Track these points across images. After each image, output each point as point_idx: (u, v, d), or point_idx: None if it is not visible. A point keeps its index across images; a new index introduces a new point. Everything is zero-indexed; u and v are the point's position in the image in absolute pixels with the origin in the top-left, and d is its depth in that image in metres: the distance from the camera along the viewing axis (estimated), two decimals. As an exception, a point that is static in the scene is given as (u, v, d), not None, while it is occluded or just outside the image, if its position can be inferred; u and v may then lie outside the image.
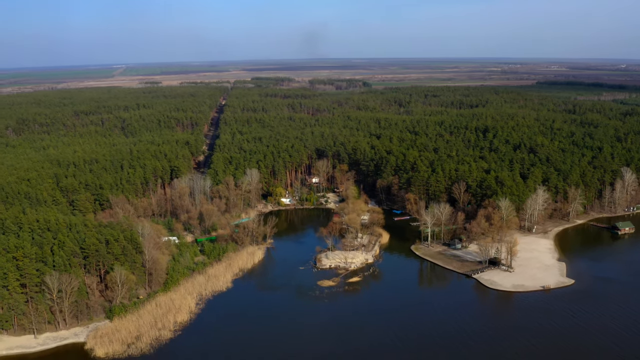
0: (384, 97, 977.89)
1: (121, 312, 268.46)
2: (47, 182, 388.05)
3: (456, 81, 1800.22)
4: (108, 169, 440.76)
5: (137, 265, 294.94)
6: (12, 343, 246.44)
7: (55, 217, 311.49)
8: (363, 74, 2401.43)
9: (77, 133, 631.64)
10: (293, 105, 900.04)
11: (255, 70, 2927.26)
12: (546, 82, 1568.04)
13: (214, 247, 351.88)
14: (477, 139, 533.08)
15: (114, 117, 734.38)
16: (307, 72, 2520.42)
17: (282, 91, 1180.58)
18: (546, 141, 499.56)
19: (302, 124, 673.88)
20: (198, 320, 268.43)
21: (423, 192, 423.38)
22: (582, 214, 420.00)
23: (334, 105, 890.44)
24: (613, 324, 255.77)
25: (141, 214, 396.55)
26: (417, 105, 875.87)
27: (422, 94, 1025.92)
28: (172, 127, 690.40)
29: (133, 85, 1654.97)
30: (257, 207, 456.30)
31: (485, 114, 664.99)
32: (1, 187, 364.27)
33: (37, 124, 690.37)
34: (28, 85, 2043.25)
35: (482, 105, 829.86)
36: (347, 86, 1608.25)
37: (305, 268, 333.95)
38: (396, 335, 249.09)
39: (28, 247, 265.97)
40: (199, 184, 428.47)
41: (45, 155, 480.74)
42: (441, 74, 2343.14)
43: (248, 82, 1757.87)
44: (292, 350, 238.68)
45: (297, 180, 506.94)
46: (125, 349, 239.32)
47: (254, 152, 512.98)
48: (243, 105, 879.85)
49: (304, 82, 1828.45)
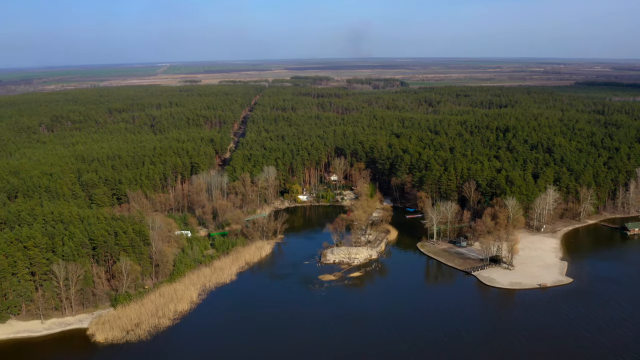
0: (415, 97, 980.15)
1: (125, 301, 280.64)
2: (69, 177, 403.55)
3: (495, 81, 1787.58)
4: (129, 164, 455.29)
5: (144, 257, 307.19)
6: (19, 327, 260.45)
7: (68, 210, 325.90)
8: (404, 74, 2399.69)
9: (107, 130, 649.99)
10: (323, 104, 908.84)
11: (297, 69, 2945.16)
12: (585, 82, 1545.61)
13: (224, 241, 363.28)
14: (496, 138, 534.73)
15: (145, 114, 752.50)
16: (348, 72, 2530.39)
17: (316, 90, 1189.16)
18: (564, 141, 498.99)
19: (327, 123, 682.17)
20: (197, 310, 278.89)
21: (435, 190, 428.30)
22: (594, 214, 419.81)
23: (364, 105, 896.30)
24: (604, 323, 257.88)
25: (158, 209, 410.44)
26: (446, 105, 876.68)
27: (453, 94, 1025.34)
28: (201, 125, 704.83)
29: (172, 84, 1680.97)
30: (274, 204, 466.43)
31: (510, 114, 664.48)
32: (24, 181, 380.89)
33: (69, 121, 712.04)
34: (72, 82, 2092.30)
35: (511, 105, 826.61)
36: (384, 85, 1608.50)
37: (310, 263, 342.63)
38: (385, 328, 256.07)
39: (39, 237, 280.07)
40: (216, 180, 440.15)
41: (72, 151, 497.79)
42: (482, 74, 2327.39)
43: (286, 81, 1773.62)
44: (282, 340, 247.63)
45: (314, 178, 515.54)
46: (124, 335, 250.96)
47: (275, 149, 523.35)
48: (273, 103, 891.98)
49: (342, 81, 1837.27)
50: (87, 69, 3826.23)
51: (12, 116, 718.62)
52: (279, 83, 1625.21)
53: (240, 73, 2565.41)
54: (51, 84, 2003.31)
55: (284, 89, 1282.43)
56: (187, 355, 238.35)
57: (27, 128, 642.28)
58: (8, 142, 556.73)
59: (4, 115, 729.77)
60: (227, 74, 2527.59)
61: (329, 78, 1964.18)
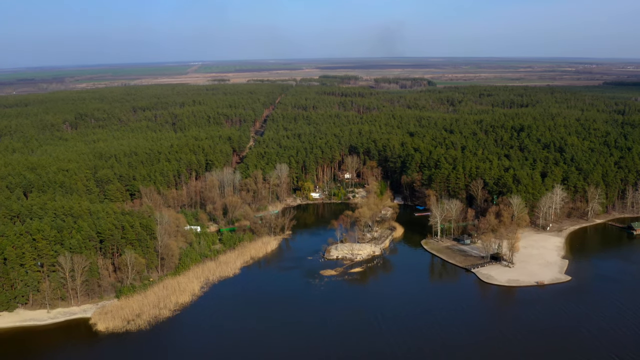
0: (437, 96, 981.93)
1: (129, 292, 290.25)
2: (85, 173, 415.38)
3: (525, 81, 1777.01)
4: (144, 161, 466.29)
5: (150, 250, 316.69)
6: (26, 316, 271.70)
7: (79, 204, 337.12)
8: (434, 73, 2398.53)
9: (129, 128, 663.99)
10: (344, 103, 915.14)
11: (328, 68, 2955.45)
12: (614, 82, 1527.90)
13: (231, 237, 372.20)
14: (509, 137, 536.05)
15: (167, 113, 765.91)
16: (378, 71, 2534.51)
17: (340, 89, 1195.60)
18: (577, 141, 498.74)
19: (345, 121, 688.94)
20: (197, 302, 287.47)
21: (444, 188, 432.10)
22: (602, 214, 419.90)
23: (385, 104, 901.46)
24: (598, 320, 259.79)
25: (171, 204, 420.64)
26: (467, 104, 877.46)
27: (477, 93, 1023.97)
28: (221, 123, 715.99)
29: (201, 82, 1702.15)
30: (286, 201, 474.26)
31: (528, 113, 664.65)
32: (40, 177, 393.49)
33: (93, 119, 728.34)
34: (103, 81, 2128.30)
35: (532, 105, 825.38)
36: (412, 85, 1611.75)
37: (314, 258, 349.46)
38: (375, 319, 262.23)
39: (47, 230, 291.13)
40: (228, 177, 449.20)
41: (92, 148, 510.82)
42: (512, 74, 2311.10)
43: (314, 80, 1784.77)
44: (275, 330, 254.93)
45: (326, 176, 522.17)
46: (124, 325, 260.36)
47: (289, 147, 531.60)
48: (295, 102, 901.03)
49: (370, 80, 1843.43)
50: (120, 67, 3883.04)
51: (37, 114, 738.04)
52: (306, 82, 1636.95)
53: (271, 72, 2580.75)
54: (83, 83, 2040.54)
55: (309, 88, 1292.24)
56: (183, 344, 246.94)
57: (50, 125, 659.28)
58: (32, 139, 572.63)
59: (30, 112, 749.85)
60: (257, 72, 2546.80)
61: (357, 77, 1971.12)
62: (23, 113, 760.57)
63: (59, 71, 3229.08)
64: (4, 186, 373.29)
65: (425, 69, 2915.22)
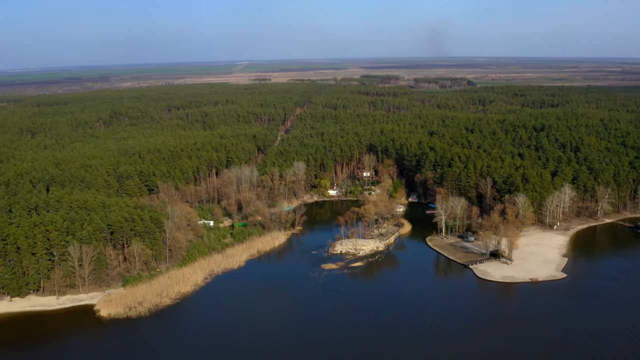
0: (469, 96, 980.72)
1: (135, 282, 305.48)
2: (107, 168, 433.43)
3: (568, 81, 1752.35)
4: (166, 158, 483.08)
5: (158, 242, 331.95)
6: (36, 302, 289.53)
7: (94, 198, 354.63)
8: (477, 73, 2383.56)
9: (160, 126, 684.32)
10: (375, 102, 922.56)
11: (373, 67, 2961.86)
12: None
13: (241, 231, 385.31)
14: (529, 137, 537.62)
15: (199, 111, 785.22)
16: (423, 71, 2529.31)
17: (375, 89, 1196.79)
18: (595, 141, 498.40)
19: (371, 120, 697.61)
20: (199, 292, 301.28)
21: (455, 187, 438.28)
22: (613, 213, 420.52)
23: (416, 103, 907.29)
24: (581, 316, 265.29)
25: (188, 200, 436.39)
26: (498, 104, 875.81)
27: (510, 93, 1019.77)
28: (250, 122, 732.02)
29: (241, 82, 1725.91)
30: (303, 198, 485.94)
31: (554, 113, 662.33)
32: (62, 172, 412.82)
33: (127, 117, 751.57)
34: (148, 80, 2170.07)
35: (562, 104, 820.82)
36: (451, 85, 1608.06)
37: (318, 252, 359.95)
38: (364, 311, 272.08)
39: (60, 222, 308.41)
40: (245, 174, 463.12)
41: (119, 146, 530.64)
42: (557, 74, 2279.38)
43: (354, 79, 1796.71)
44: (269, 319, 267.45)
45: (343, 173, 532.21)
46: (125, 312, 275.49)
47: (310, 146, 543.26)
48: (326, 101, 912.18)
49: (410, 80, 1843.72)
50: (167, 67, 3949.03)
51: (74, 112, 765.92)
52: (346, 82, 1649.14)
53: (315, 72, 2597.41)
54: (128, 82, 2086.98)
55: (345, 87, 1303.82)
56: (180, 329, 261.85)
57: (84, 123, 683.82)
58: (64, 136, 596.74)
59: (67, 111, 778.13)
60: (302, 72, 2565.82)
61: (399, 77, 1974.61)
62: (60, 111, 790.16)
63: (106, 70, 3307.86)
64: (27, 181, 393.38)
65: (470, 68, 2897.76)
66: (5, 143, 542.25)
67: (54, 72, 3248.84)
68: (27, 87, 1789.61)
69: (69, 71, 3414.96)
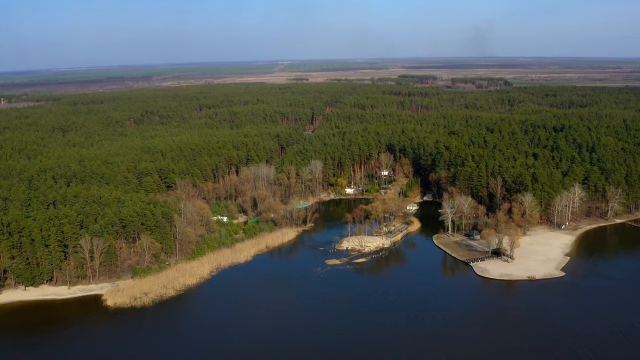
0: (498, 96, 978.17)
1: (143, 274, 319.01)
2: (128, 165, 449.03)
3: (609, 82, 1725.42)
4: (187, 156, 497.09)
5: (168, 236, 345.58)
6: (48, 291, 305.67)
7: (109, 193, 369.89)
8: (518, 73, 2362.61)
9: (189, 125, 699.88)
10: (403, 102, 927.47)
11: (414, 67, 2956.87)
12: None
13: (253, 227, 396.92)
14: (547, 137, 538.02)
15: (227, 111, 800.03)
16: (462, 71, 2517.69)
17: (408, 89, 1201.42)
18: (613, 141, 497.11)
19: (396, 120, 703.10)
20: (203, 285, 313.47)
21: (467, 186, 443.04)
22: (624, 214, 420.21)
23: (444, 103, 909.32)
24: (574, 314, 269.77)
25: (206, 196, 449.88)
26: (526, 104, 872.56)
27: (542, 94, 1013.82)
28: (276, 121, 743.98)
29: (279, 82, 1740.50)
30: (320, 196, 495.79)
31: (577, 113, 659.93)
32: (84, 168, 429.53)
33: (158, 116, 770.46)
34: (189, 79, 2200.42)
35: (590, 105, 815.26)
36: (487, 85, 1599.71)
37: (325, 249, 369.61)
38: (357, 304, 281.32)
39: (74, 216, 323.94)
40: (262, 172, 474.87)
41: (145, 144, 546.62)
42: (599, 74, 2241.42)
43: (391, 79, 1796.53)
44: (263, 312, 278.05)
45: (362, 172, 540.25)
46: (130, 301, 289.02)
47: (330, 145, 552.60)
48: (355, 101, 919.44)
49: (447, 80, 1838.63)
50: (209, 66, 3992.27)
51: (106, 111, 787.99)
52: (382, 82, 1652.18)
53: (356, 71, 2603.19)
54: (169, 81, 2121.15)
55: (377, 87, 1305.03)
56: (180, 319, 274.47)
57: (115, 122, 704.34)
58: (94, 134, 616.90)
59: (100, 109, 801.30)
60: (342, 72, 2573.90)
61: (436, 77, 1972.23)
62: (94, 110, 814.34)
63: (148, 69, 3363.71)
64: (50, 176, 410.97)
65: (511, 68, 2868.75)
66: (36, 141, 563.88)
67: (97, 71, 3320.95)
68: (69, 86, 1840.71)
69: (112, 70, 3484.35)
